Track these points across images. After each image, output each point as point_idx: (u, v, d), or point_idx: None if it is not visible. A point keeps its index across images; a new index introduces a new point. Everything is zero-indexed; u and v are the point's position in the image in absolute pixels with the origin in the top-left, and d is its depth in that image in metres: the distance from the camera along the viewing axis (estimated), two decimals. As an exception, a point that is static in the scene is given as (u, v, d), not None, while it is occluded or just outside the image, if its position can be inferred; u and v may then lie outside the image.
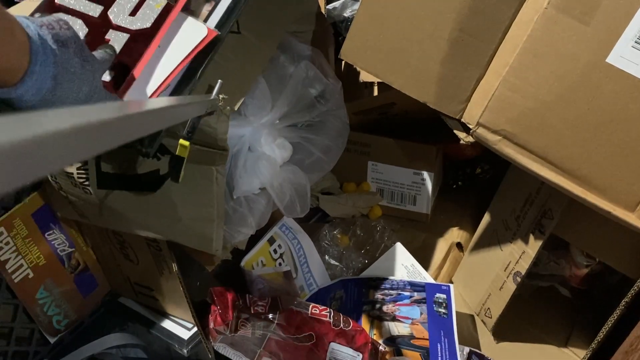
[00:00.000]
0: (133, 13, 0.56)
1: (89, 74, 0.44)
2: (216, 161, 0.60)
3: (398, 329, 0.85)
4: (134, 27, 0.55)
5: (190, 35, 0.56)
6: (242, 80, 0.62)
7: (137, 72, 0.53)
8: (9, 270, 0.75)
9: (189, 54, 0.55)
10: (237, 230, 0.71)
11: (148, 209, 0.63)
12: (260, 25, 0.65)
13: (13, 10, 0.57)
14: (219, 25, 0.56)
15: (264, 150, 0.71)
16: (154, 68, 0.54)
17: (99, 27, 0.54)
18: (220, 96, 0.55)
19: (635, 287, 0.64)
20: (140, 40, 0.55)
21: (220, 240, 0.64)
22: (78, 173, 0.61)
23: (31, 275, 0.78)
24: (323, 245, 0.93)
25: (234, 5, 0.57)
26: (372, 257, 0.94)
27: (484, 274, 0.89)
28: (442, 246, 1.00)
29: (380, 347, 0.81)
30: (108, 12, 0.54)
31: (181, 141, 0.52)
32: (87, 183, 0.62)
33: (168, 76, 0.54)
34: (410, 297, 0.89)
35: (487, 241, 0.90)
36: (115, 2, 0.55)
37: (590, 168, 0.61)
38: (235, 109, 0.62)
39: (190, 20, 0.57)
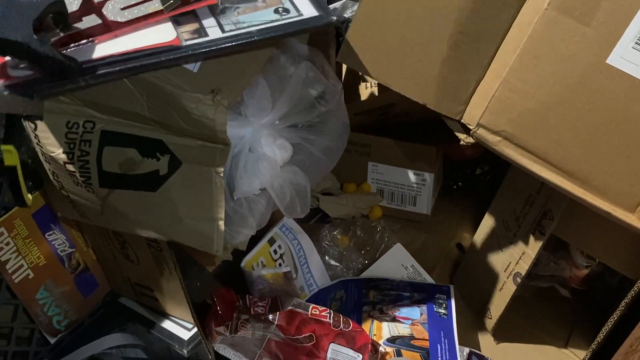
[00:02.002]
0: (125, 8, 0.56)
1: None
2: (216, 161, 0.60)
3: (398, 329, 0.85)
4: (110, 17, 0.55)
5: (155, 34, 0.56)
6: (241, 76, 0.62)
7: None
8: (9, 271, 0.76)
9: (139, 48, 0.55)
10: (237, 231, 0.71)
11: (149, 209, 0.63)
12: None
13: None
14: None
15: (264, 151, 0.71)
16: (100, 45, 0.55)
17: (90, 6, 0.55)
18: (216, 90, 0.55)
19: (635, 288, 0.64)
20: (105, 27, 0.55)
21: (221, 240, 0.64)
22: (80, 172, 0.62)
23: (31, 275, 0.78)
24: (323, 245, 0.93)
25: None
26: (372, 257, 0.94)
27: (484, 274, 0.89)
28: (442, 247, 1.01)
29: (380, 348, 0.81)
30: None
31: (3, 147, 0.48)
32: (89, 182, 0.62)
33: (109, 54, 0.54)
34: (410, 297, 0.89)
35: (487, 242, 0.90)
36: None
37: (591, 169, 0.61)
38: (234, 102, 0.61)
39: (168, 25, 0.58)
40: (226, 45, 0.57)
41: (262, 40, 0.59)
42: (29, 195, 0.50)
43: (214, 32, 0.58)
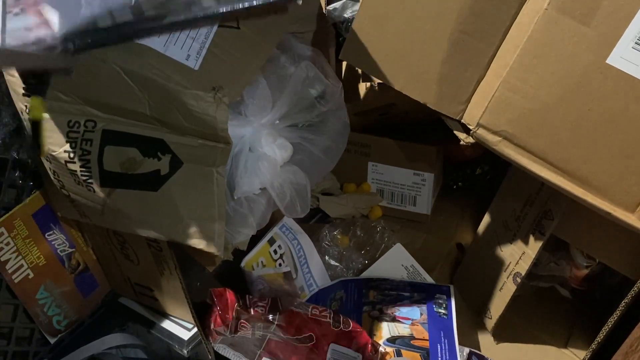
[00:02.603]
0: None
1: None
2: (217, 160, 0.60)
3: (398, 329, 0.85)
4: None
5: None
6: (241, 74, 0.62)
7: None
8: (9, 271, 0.75)
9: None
10: (238, 231, 0.71)
11: (150, 208, 0.63)
12: (260, 21, 0.65)
13: None
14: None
15: (265, 151, 0.71)
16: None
17: None
18: (217, 87, 0.56)
19: (635, 288, 0.64)
20: None
21: (221, 240, 0.64)
22: (81, 171, 0.62)
23: (31, 275, 0.78)
24: (323, 245, 0.93)
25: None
26: (372, 257, 0.94)
27: (484, 274, 0.89)
28: (442, 247, 1.00)
29: (380, 348, 0.81)
30: None
31: (31, 100, 0.49)
32: (90, 181, 0.62)
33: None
34: (410, 297, 0.89)
35: (487, 242, 0.90)
36: None
37: (590, 169, 0.61)
38: (234, 100, 0.62)
39: None
40: (219, 10, 0.56)
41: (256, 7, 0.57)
42: (46, 148, 0.51)
43: (207, 3, 0.58)
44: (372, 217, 1.01)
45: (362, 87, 0.98)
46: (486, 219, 0.93)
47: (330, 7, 0.95)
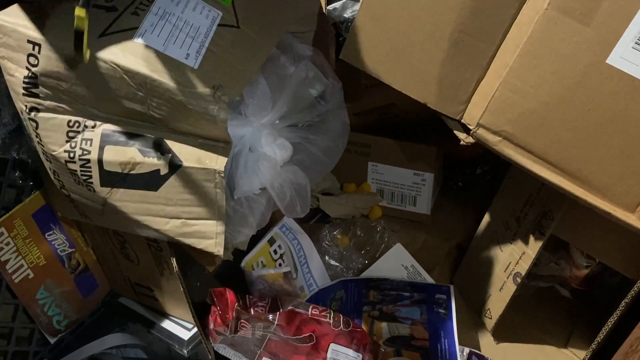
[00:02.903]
0: None
1: None
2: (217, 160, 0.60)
3: (398, 329, 0.85)
4: None
5: None
6: (241, 73, 0.62)
7: None
8: (9, 271, 0.76)
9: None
10: (238, 231, 0.71)
11: (150, 208, 0.63)
12: (260, 21, 0.65)
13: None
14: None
15: (265, 151, 0.71)
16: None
17: None
18: (217, 86, 0.56)
19: (635, 288, 0.64)
20: None
21: (221, 240, 0.64)
22: (81, 171, 0.62)
23: (31, 275, 0.78)
24: (323, 245, 0.93)
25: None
26: (372, 257, 0.94)
27: (484, 274, 0.89)
28: (442, 247, 1.00)
29: (380, 348, 0.81)
30: None
31: (77, 10, 0.52)
32: (90, 181, 0.62)
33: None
34: (410, 297, 0.89)
35: (487, 242, 0.90)
36: None
37: (591, 169, 0.61)
38: (234, 99, 0.62)
39: None
40: None
41: None
42: (89, 52, 0.55)
43: None
44: (372, 217, 1.00)
45: (362, 87, 0.98)
46: (486, 219, 0.93)
47: (330, 7, 0.95)
